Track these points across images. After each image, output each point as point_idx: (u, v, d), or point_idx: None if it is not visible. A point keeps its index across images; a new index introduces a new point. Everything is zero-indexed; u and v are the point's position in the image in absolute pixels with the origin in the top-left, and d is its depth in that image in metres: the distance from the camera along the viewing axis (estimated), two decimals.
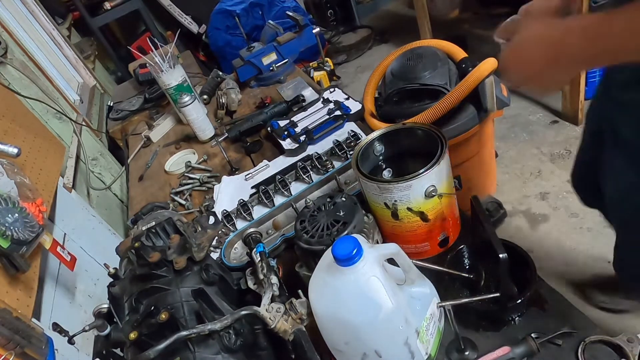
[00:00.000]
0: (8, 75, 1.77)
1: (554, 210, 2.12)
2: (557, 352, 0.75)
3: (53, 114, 1.94)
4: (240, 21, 3.48)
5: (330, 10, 4.46)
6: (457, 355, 0.79)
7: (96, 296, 1.44)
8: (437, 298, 0.81)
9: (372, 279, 0.67)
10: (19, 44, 2.00)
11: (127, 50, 2.60)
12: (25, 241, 1.02)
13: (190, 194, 1.51)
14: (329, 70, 2.21)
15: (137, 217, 1.15)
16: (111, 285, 0.86)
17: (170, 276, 0.84)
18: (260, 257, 0.94)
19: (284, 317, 0.78)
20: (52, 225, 1.41)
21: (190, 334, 0.71)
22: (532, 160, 2.40)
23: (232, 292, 0.93)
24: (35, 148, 1.50)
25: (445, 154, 0.85)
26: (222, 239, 1.16)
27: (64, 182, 1.66)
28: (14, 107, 1.63)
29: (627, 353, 0.71)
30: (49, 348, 0.94)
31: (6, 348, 0.83)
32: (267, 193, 1.25)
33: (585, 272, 1.83)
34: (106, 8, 3.66)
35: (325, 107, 1.56)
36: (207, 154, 1.68)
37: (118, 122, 2.28)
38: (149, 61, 1.77)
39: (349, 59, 4.14)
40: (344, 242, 0.67)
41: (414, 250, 0.95)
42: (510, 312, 0.81)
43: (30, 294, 1.08)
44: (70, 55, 2.79)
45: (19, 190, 1.09)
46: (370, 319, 0.67)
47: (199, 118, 1.71)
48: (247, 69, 1.96)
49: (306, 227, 0.91)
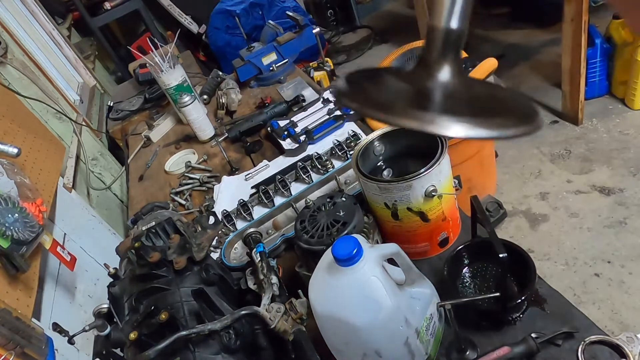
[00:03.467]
0: (8, 75, 1.77)
1: (554, 210, 2.12)
2: (557, 352, 0.75)
3: (53, 114, 1.94)
4: (240, 21, 3.48)
5: (330, 10, 4.46)
6: (457, 355, 0.79)
7: (96, 296, 1.44)
8: (437, 298, 0.81)
9: (372, 279, 0.67)
10: (19, 44, 2.00)
11: (127, 50, 2.60)
12: (25, 241, 1.02)
13: (190, 194, 1.51)
14: (329, 70, 2.20)
15: (137, 217, 1.15)
16: (111, 285, 0.86)
17: (170, 276, 0.84)
18: (260, 257, 0.94)
19: (284, 317, 0.78)
20: (52, 225, 1.41)
21: (190, 334, 0.71)
22: (532, 160, 2.40)
23: (232, 292, 0.93)
24: (35, 148, 1.50)
25: (445, 154, 0.85)
26: (222, 239, 1.16)
27: (64, 182, 1.66)
28: (14, 107, 1.63)
29: (627, 353, 0.71)
30: (49, 348, 0.94)
31: (6, 348, 0.83)
32: (267, 193, 1.25)
33: (585, 272, 1.83)
34: (106, 8, 3.66)
35: (325, 107, 1.56)
36: (207, 154, 1.68)
37: (118, 122, 2.28)
38: (149, 61, 1.77)
39: (349, 59, 4.14)
40: (344, 242, 0.67)
41: (414, 250, 0.95)
42: (510, 312, 0.81)
43: (30, 294, 1.08)
44: (70, 55, 2.79)
45: (19, 190, 1.08)
46: (370, 319, 0.67)
47: (199, 118, 1.71)
48: (247, 69, 1.96)
49: (306, 227, 0.91)
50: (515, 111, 0.23)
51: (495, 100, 0.24)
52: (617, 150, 2.26)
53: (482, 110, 0.22)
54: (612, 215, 1.99)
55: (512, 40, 3.36)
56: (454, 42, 0.21)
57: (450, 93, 0.22)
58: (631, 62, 2.25)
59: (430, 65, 0.22)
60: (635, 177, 2.10)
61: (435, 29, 0.21)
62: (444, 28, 0.21)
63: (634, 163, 2.16)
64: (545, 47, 3.14)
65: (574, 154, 2.34)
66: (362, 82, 0.26)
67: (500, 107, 0.23)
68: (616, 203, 2.03)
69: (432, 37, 0.21)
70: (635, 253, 1.83)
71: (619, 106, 2.46)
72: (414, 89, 0.22)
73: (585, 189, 2.15)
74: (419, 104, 0.21)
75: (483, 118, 0.20)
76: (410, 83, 0.23)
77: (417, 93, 0.22)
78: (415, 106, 0.20)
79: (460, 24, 0.21)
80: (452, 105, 0.21)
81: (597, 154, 2.28)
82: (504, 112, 0.22)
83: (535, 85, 2.85)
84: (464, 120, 0.20)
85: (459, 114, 0.20)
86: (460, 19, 0.21)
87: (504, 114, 0.22)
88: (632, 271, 1.78)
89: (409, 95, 0.22)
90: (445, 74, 0.22)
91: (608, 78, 2.47)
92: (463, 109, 0.21)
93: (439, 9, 0.21)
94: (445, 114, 0.20)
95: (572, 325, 0.77)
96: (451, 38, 0.21)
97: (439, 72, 0.22)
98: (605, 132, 2.37)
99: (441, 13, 0.21)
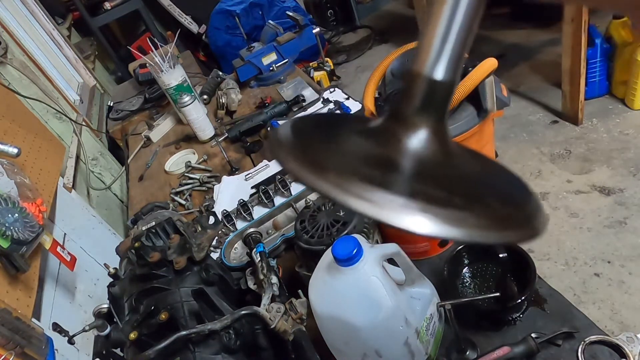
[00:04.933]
0: (8, 75, 1.77)
1: (554, 210, 2.12)
2: (557, 352, 0.75)
3: (53, 114, 1.94)
4: (240, 21, 3.48)
5: (330, 10, 4.46)
6: (457, 355, 0.79)
7: (96, 296, 1.44)
8: (437, 298, 0.81)
9: (372, 279, 0.67)
10: (19, 44, 2.00)
11: (127, 50, 2.60)
12: (25, 241, 1.01)
13: (190, 194, 1.51)
14: (329, 70, 2.20)
15: (137, 217, 1.15)
16: (111, 285, 0.86)
17: (170, 276, 0.84)
18: (260, 257, 0.94)
19: (284, 317, 0.78)
20: (52, 225, 1.41)
21: (190, 334, 0.71)
22: (532, 160, 2.40)
23: (232, 292, 0.93)
24: (35, 148, 1.50)
25: None
26: (222, 239, 1.16)
27: (64, 182, 1.66)
28: (14, 107, 1.63)
29: (627, 353, 0.71)
30: (49, 348, 0.94)
31: (6, 348, 0.83)
32: (267, 193, 1.25)
33: (585, 272, 1.83)
34: (106, 8, 3.65)
35: (325, 107, 1.56)
36: (207, 154, 1.68)
37: (118, 122, 2.28)
38: (149, 61, 1.77)
39: (349, 59, 4.14)
40: (344, 242, 0.67)
41: (414, 250, 0.95)
42: (510, 312, 0.81)
43: (30, 294, 1.08)
44: (70, 55, 2.79)
45: (19, 190, 1.08)
46: (370, 319, 0.67)
47: (199, 118, 1.71)
48: (247, 69, 1.96)
49: (306, 227, 0.91)
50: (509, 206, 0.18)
51: (484, 187, 0.19)
52: (617, 150, 2.26)
53: (463, 200, 0.16)
54: (612, 215, 1.99)
55: (512, 40, 3.36)
56: (439, 98, 0.16)
57: (423, 168, 0.17)
58: (631, 62, 2.25)
59: (403, 122, 0.17)
60: (635, 177, 2.10)
61: (415, 75, 0.16)
62: (427, 77, 0.16)
63: (634, 163, 2.16)
64: (545, 47, 3.14)
65: (574, 154, 2.34)
66: (311, 133, 0.21)
67: (489, 198, 0.18)
68: (616, 203, 2.03)
69: (411, 86, 0.17)
70: (635, 253, 1.83)
71: (619, 106, 2.46)
72: (376, 155, 0.17)
73: (585, 189, 2.15)
74: (380, 179, 0.16)
75: (460, 212, 0.15)
76: (374, 142, 0.18)
77: (379, 162, 0.17)
78: (375, 182, 0.15)
79: (449, 75, 0.16)
80: (421, 187, 0.16)
81: (597, 154, 2.28)
82: (492, 206, 0.17)
83: (535, 85, 2.85)
84: (434, 214, 0.15)
85: (428, 201, 0.15)
86: (450, 68, 0.16)
87: (491, 208, 0.17)
88: (632, 271, 1.78)
89: (368, 163, 0.17)
90: (421, 139, 0.17)
91: (608, 78, 2.47)
92: (436, 195, 0.16)
93: (424, 49, 0.16)
94: (411, 200, 0.15)
95: (572, 325, 0.77)
96: (435, 92, 0.16)
97: (413, 135, 0.17)
98: (605, 132, 2.37)
99: (426, 56, 0.16)
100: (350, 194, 0.15)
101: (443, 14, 0.15)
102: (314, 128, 0.21)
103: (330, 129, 0.20)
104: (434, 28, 0.15)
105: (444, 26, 0.15)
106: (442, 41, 0.15)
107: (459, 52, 0.15)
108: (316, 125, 0.22)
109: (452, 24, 0.14)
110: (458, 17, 0.14)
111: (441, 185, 0.16)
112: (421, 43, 0.16)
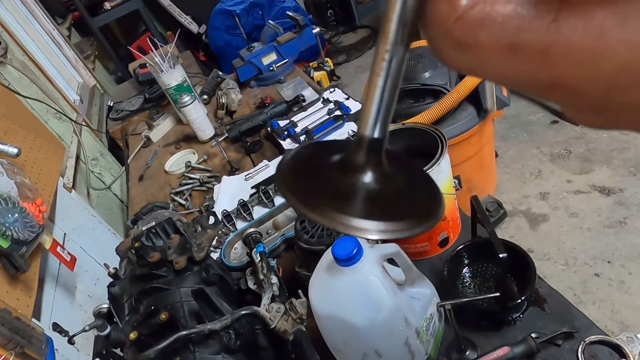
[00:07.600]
0: (8, 75, 1.77)
1: (554, 210, 2.12)
2: (557, 352, 0.75)
3: (53, 114, 1.94)
4: (240, 21, 3.48)
5: (330, 10, 4.46)
6: (457, 355, 0.79)
7: (96, 296, 1.44)
8: (437, 298, 0.81)
9: (372, 279, 0.67)
10: (19, 44, 2.00)
11: (127, 50, 2.60)
12: (25, 241, 1.01)
13: (190, 194, 1.51)
14: (329, 70, 2.20)
15: (137, 217, 1.15)
16: (111, 285, 0.86)
17: (170, 276, 0.84)
18: (260, 257, 0.94)
19: (284, 317, 0.78)
20: (52, 225, 1.41)
21: (190, 334, 0.71)
22: (532, 160, 2.40)
23: (232, 292, 0.93)
24: (35, 148, 1.50)
25: (445, 154, 0.85)
26: (222, 239, 1.16)
27: (64, 182, 1.66)
28: (14, 107, 1.63)
29: (627, 353, 0.71)
30: (49, 348, 0.94)
31: (6, 348, 0.83)
32: (267, 193, 1.25)
33: (585, 272, 1.83)
34: (106, 8, 3.65)
35: (325, 107, 1.56)
36: (207, 154, 1.68)
37: (118, 122, 2.28)
38: (149, 61, 1.77)
39: (349, 59, 4.14)
40: (344, 242, 0.67)
41: (414, 250, 0.95)
42: (510, 312, 0.81)
43: (30, 294, 1.08)
44: (70, 55, 2.79)
45: (19, 190, 1.08)
46: (370, 319, 0.67)
47: (199, 118, 1.71)
48: (247, 69, 1.96)
49: (306, 227, 0.91)
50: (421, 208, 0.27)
51: (406, 198, 0.27)
52: (617, 150, 2.26)
53: (393, 211, 0.25)
54: (612, 215, 1.99)
55: None
56: (377, 148, 0.25)
57: (369, 195, 0.25)
58: None
59: (355, 168, 0.25)
60: (635, 177, 2.10)
61: (361, 137, 0.25)
62: (368, 137, 0.24)
63: (634, 163, 2.16)
64: None
65: (574, 154, 2.34)
66: (305, 164, 0.29)
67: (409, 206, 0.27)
68: (616, 203, 2.03)
69: (359, 143, 0.25)
70: (635, 253, 1.83)
71: None
72: (342, 189, 0.25)
73: (585, 189, 2.16)
74: (341, 205, 0.24)
75: (392, 220, 0.24)
76: (342, 178, 0.26)
77: (344, 193, 0.25)
78: (338, 208, 0.24)
79: (382, 133, 0.24)
80: (368, 208, 0.24)
81: (597, 154, 2.28)
82: (410, 211, 0.26)
83: None
84: (375, 224, 0.23)
85: (372, 217, 0.24)
86: (381, 129, 0.24)
87: (411, 212, 0.25)
88: (632, 271, 1.78)
89: (335, 193, 0.25)
90: (368, 177, 0.25)
91: None
92: (378, 212, 0.24)
93: (364, 120, 0.24)
94: (361, 217, 0.23)
95: (572, 325, 0.77)
96: (375, 145, 0.25)
97: (362, 175, 0.25)
98: (605, 132, 2.37)
99: (366, 124, 0.24)
100: (324, 218, 0.24)
101: (376, 93, 0.23)
102: (305, 162, 0.29)
103: (316, 163, 0.29)
104: (370, 104, 0.23)
105: (376, 102, 0.23)
106: (376, 112, 0.23)
107: (387, 116, 0.24)
108: (310, 156, 0.30)
109: (382, 100, 0.23)
110: (385, 95, 0.23)
111: (382, 205, 0.25)
112: (362, 114, 0.25)
